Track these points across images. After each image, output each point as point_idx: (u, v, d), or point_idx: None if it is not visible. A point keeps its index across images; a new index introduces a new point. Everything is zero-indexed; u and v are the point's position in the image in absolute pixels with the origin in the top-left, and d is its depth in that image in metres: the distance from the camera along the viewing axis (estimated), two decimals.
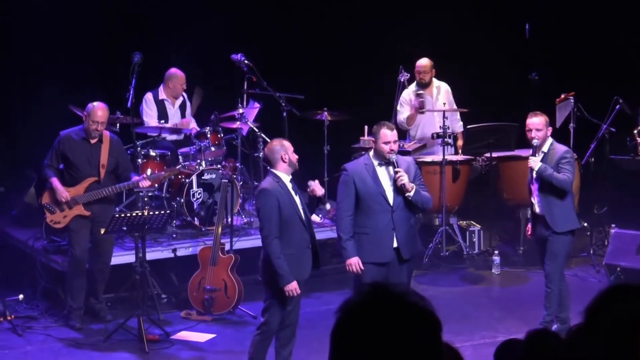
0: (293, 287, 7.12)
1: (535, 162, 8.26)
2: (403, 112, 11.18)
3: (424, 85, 11.30)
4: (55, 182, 9.07)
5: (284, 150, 7.27)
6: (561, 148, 8.42)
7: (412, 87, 11.31)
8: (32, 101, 11.08)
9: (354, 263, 7.52)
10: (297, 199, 7.31)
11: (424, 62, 11.31)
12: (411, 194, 7.55)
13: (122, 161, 9.32)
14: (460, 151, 11.39)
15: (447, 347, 2.18)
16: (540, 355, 3.77)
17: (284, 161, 7.27)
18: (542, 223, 8.40)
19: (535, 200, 8.45)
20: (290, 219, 7.23)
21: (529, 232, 8.73)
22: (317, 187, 7.42)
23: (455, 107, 11.36)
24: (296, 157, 7.34)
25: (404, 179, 7.51)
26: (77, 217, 9.10)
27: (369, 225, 7.60)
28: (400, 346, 2.03)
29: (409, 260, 7.74)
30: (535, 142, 8.29)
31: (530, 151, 8.40)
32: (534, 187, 8.44)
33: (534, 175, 8.38)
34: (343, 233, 7.61)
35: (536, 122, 8.30)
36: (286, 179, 7.30)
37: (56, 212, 9.09)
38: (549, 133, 8.39)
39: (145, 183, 9.16)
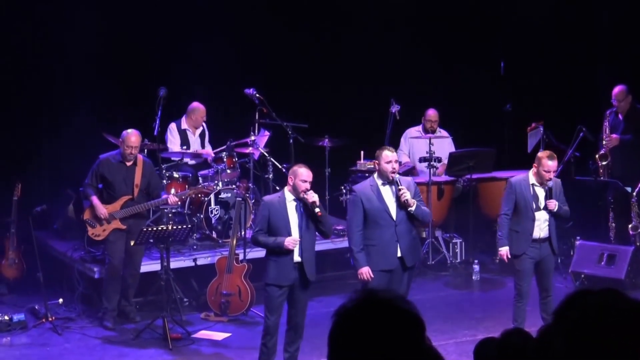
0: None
1: (556, 204, 7.90)
2: (404, 150, 11.49)
3: (429, 132, 11.33)
4: (95, 200, 9.08)
5: (293, 175, 7.31)
6: (556, 180, 8.05)
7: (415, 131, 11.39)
8: (70, 129, 11.06)
9: (365, 272, 7.53)
10: (294, 216, 7.29)
11: (434, 112, 11.43)
12: (413, 208, 7.55)
13: (153, 181, 9.34)
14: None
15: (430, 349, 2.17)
16: (514, 351, 3.75)
17: (289, 184, 7.32)
18: (540, 245, 8.00)
19: (538, 224, 7.98)
20: (278, 228, 7.28)
21: (507, 257, 8.04)
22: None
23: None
24: (304, 186, 7.25)
25: (407, 195, 7.50)
26: (114, 230, 9.11)
27: (375, 238, 7.60)
28: (388, 345, 2.02)
29: (411, 268, 7.73)
30: (551, 183, 7.90)
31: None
32: (539, 214, 7.95)
33: (541, 204, 7.93)
34: (355, 246, 7.59)
35: (556, 165, 7.96)
36: (289, 197, 7.31)
37: (96, 227, 9.10)
38: None
39: (173, 199, 9.20)
